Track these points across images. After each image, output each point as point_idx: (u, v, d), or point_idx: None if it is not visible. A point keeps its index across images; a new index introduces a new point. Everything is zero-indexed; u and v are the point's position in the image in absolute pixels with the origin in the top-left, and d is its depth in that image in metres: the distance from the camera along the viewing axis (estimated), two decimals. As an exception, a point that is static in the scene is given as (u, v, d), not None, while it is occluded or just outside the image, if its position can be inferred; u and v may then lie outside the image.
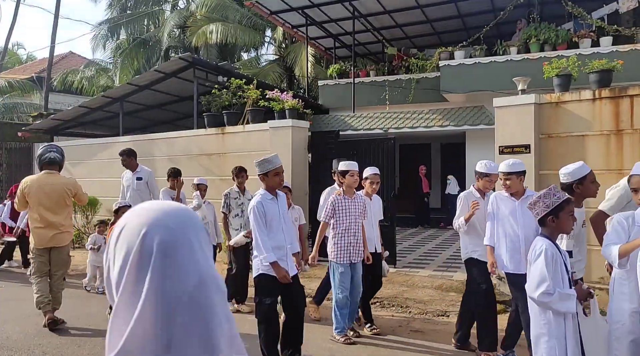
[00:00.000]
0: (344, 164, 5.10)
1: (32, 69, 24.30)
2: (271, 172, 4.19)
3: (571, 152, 6.25)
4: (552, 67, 6.63)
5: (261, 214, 4.08)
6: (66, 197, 5.58)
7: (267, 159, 4.22)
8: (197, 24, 19.00)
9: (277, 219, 4.17)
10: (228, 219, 6.28)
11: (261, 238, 4.04)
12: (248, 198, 6.29)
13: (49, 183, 5.49)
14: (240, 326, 5.42)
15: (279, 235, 4.17)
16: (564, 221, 2.81)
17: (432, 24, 14.94)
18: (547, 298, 2.68)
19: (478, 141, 12.96)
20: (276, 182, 4.21)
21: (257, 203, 4.12)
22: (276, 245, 4.11)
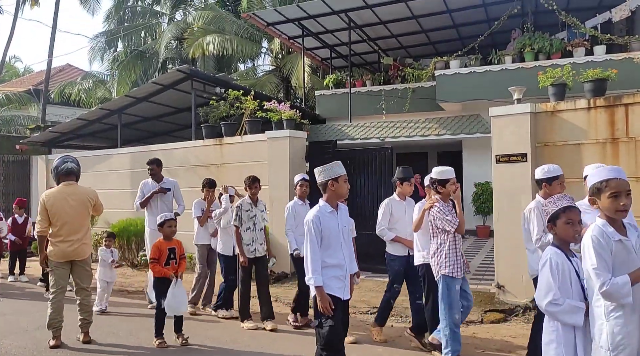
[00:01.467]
0: (442, 172, 4.69)
1: (29, 82, 24.37)
2: (342, 177, 3.76)
3: (568, 160, 6.29)
4: (547, 76, 6.69)
5: (317, 231, 3.65)
6: (89, 207, 5.47)
7: (336, 164, 3.81)
8: (194, 36, 19.11)
9: (336, 235, 3.75)
10: (239, 233, 6.00)
11: (312, 256, 3.64)
12: (261, 209, 6.18)
13: (72, 194, 5.36)
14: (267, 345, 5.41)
15: (339, 253, 3.75)
16: (562, 229, 2.81)
17: (427, 34, 15.07)
18: (555, 308, 2.66)
19: (475, 149, 13.03)
20: (345, 190, 3.79)
21: (314, 217, 3.69)
22: (336, 264, 3.72)
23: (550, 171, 4.39)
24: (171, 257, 5.35)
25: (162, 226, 5.42)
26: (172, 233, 5.44)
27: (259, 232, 6.09)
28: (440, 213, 4.53)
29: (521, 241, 5.97)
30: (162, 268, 5.27)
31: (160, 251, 5.33)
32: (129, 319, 6.49)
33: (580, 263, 2.83)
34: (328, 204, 3.77)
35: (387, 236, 5.35)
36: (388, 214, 5.36)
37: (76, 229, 5.32)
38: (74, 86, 22.13)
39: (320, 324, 3.63)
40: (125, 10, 24.41)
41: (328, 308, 3.55)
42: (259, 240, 6.06)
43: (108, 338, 5.58)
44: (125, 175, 11.44)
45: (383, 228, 5.37)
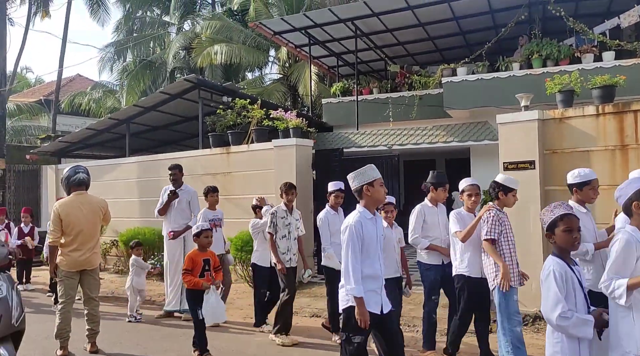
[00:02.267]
0: (510, 180, 4.50)
1: (40, 92, 24.63)
2: (377, 181, 3.54)
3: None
4: (555, 83, 6.64)
5: (358, 236, 3.42)
6: (100, 216, 5.52)
7: (370, 167, 3.61)
8: (202, 46, 19.23)
9: (375, 244, 3.53)
10: (275, 241, 5.81)
11: (352, 264, 3.39)
12: (296, 217, 5.99)
13: (85, 203, 5.41)
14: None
15: (376, 263, 3.54)
16: (560, 237, 2.78)
17: (434, 41, 15.05)
18: (565, 322, 2.62)
19: (483, 156, 12.94)
20: (382, 194, 3.59)
21: (355, 222, 3.46)
22: (372, 274, 3.49)
23: (581, 176, 4.16)
24: (206, 268, 5.16)
25: (199, 236, 5.24)
26: (209, 244, 5.28)
27: (294, 241, 5.90)
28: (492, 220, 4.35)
29: (530, 249, 5.93)
30: (193, 277, 5.07)
31: (194, 262, 5.14)
32: (135, 328, 6.49)
33: (582, 271, 2.82)
34: (367, 210, 3.55)
35: (422, 244, 5.08)
36: (421, 221, 5.11)
37: (89, 239, 5.36)
38: (84, 96, 22.33)
39: (348, 339, 3.44)
40: (134, 21, 24.65)
41: (367, 323, 3.35)
42: (293, 250, 5.87)
43: (114, 347, 5.58)
44: (133, 184, 11.50)
45: (417, 236, 5.10)
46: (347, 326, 3.46)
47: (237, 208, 9.34)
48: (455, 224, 4.71)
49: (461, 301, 4.71)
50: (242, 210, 9.21)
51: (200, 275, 5.09)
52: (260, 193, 9.22)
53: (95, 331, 5.41)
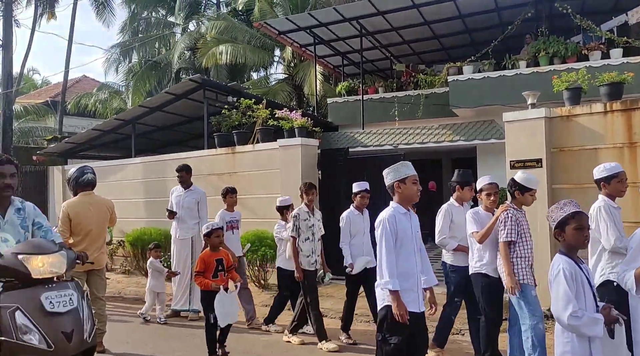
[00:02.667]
0: (529, 180, 4.39)
1: (46, 94, 24.76)
2: (410, 178, 3.50)
3: (584, 165, 6.18)
4: (562, 80, 6.60)
5: (392, 230, 3.37)
6: (108, 216, 5.58)
7: (404, 164, 3.58)
8: (207, 46, 19.26)
9: (410, 239, 3.47)
10: (297, 244, 5.61)
11: (387, 259, 3.34)
12: (318, 218, 5.78)
13: (93, 203, 5.48)
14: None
15: (411, 259, 3.47)
16: (571, 235, 2.75)
17: (440, 40, 14.99)
18: (577, 321, 2.59)
19: (489, 155, 12.87)
20: (414, 192, 3.52)
21: (389, 216, 3.42)
22: (406, 271, 3.42)
23: (607, 169, 4.06)
24: (219, 269, 5.03)
25: (209, 236, 5.12)
26: (220, 243, 5.19)
27: (318, 242, 5.71)
28: (510, 220, 4.26)
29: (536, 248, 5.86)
30: (205, 279, 4.93)
31: (206, 263, 5.00)
32: (142, 328, 6.49)
33: (589, 269, 2.79)
34: (400, 205, 3.53)
35: (450, 245, 4.96)
36: (448, 222, 4.99)
37: (96, 239, 5.43)
38: (90, 97, 22.42)
39: (385, 339, 3.34)
40: (139, 22, 24.72)
41: (404, 316, 3.25)
42: (318, 251, 5.69)
43: (121, 347, 5.59)
44: (139, 184, 11.53)
45: (444, 236, 4.97)
46: (383, 326, 3.38)
47: (243, 208, 9.33)
48: (473, 225, 4.62)
49: (483, 302, 4.58)
50: (248, 210, 9.22)
51: (213, 276, 4.98)
52: (265, 193, 9.25)
53: (102, 330, 5.42)
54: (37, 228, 3.56)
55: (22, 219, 3.47)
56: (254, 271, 8.39)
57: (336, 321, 6.45)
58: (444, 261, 5.13)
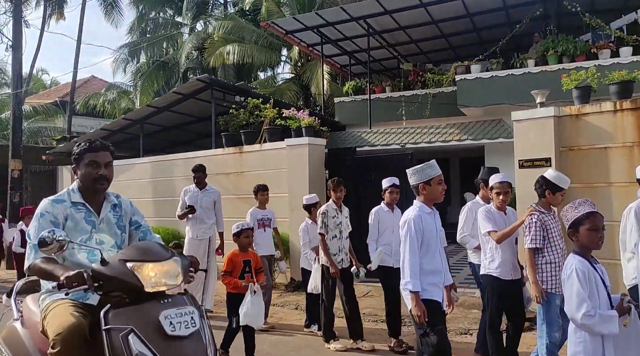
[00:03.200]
0: (561, 179, 4.16)
1: (55, 94, 24.94)
2: (435, 179, 3.51)
3: (593, 164, 6.13)
4: (571, 79, 6.55)
5: (418, 231, 3.39)
6: None
7: (429, 164, 3.56)
8: (215, 46, 19.31)
9: (435, 238, 3.53)
10: (326, 242, 5.44)
11: (411, 259, 3.37)
12: (345, 215, 5.65)
13: None
14: None
15: (437, 258, 3.53)
16: (584, 236, 2.72)
17: (448, 39, 14.94)
18: (590, 321, 2.57)
19: (497, 154, 12.80)
20: (439, 192, 3.55)
21: (414, 216, 3.44)
22: (434, 269, 3.49)
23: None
24: (246, 270, 4.82)
25: (239, 236, 4.93)
26: (249, 244, 5.01)
27: (345, 240, 5.57)
28: (536, 226, 4.06)
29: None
30: (233, 279, 4.75)
31: (234, 264, 4.81)
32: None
33: (604, 269, 2.76)
34: (425, 205, 3.56)
35: (471, 243, 4.87)
36: (471, 219, 4.86)
37: None
38: (98, 97, 22.56)
39: (426, 332, 3.35)
40: (147, 22, 24.85)
41: (422, 317, 3.31)
42: (345, 249, 5.55)
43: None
44: (147, 184, 11.58)
45: (465, 234, 4.88)
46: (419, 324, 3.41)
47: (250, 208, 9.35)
48: (487, 223, 4.46)
49: (489, 302, 4.52)
50: (255, 209, 9.22)
51: (239, 277, 4.80)
52: (273, 193, 9.24)
53: None
54: (135, 227, 3.06)
55: (118, 218, 2.99)
56: (261, 270, 8.40)
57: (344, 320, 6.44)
58: (472, 262, 4.99)
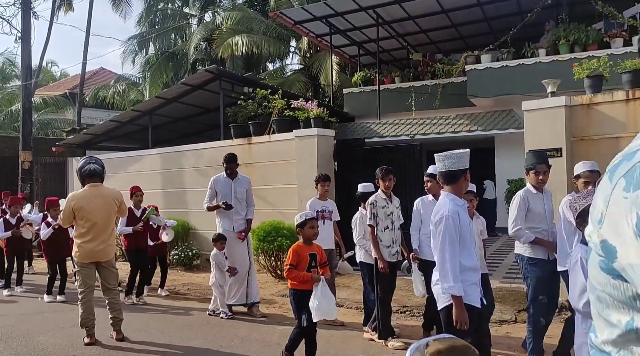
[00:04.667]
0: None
1: (65, 86, 25.07)
2: (467, 169, 3.31)
3: (605, 155, 6.04)
4: (583, 68, 6.47)
5: (456, 227, 3.12)
6: (114, 208, 5.49)
7: (467, 152, 3.29)
8: (223, 37, 19.28)
9: (470, 232, 3.30)
10: (376, 234, 5.13)
11: (451, 259, 3.10)
12: (396, 205, 5.30)
13: (99, 195, 5.39)
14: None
15: (473, 253, 3.30)
16: None
17: (458, 29, 14.80)
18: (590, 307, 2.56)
19: (508, 145, 12.73)
20: (465, 186, 3.38)
21: (451, 211, 3.14)
22: (472, 266, 3.25)
23: None
24: (312, 265, 4.37)
25: (303, 227, 4.41)
26: (314, 235, 4.49)
27: (398, 232, 5.24)
28: None
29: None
30: (301, 272, 4.27)
31: (300, 257, 4.34)
32: (161, 317, 6.57)
33: None
34: (457, 197, 3.26)
35: (526, 237, 4.34)
36: (524, 210, 4.38)
37: (102, 230, 5.35)
38: (107, 88, 22.64)
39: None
40: (155, 14, 24.83)
41: (467, 323, 3.07)
42: (398, 241, 5.22)
43: (140, 335, 5.67)
44: (156, 175, 11.63)
45: (519, 227, 4.35)
46: (450, 327, 3.15)
47: (259, 199, 9.36)
48: None
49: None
50: (263, 201, 9.25)
51: (306, 271, 4.36)
52: (281, 184, 9.27)
53: (119, 318, 5.46)
54: None
55: None
56: (270, 261, 8.43)
57: (352, 311, 6.46)
58: (520, 254, 4.51)
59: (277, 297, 7.37)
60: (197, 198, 7.99)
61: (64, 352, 5.07)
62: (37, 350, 4.95)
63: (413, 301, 6.52)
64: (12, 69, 28.40)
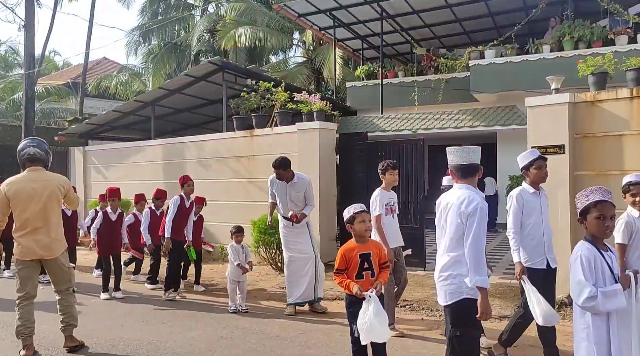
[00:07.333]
0: None
1: (67, 75, 25.06)
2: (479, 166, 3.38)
3: (608, 152, 6.06)
4: (587, 65, 6.44)
5: (485, 218, 3.14)
6: (59, 197, 4.68)
7: (478, 149, 3.32)
8: (226, 28, 19.23)
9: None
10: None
11: (482, 250, 3.10)
12: None
13: (35, 181, 4.59)
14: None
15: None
16: (592, 224, 2.71)
17: (462, 23, 14.75)
18: (592, 302, 2.57)
19: (510, 141, 12.71)
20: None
21: (482, 202, 3.16)
22: None
23: None
24: (365, 267, 3.68)
25: (352, 222, 3.76)
26: (367, 231, 3.79)
27: None
28: None
29: (558, 235, 5.81)
30: (346, 280, 3.64)
31: (347, 259, 3.67)
32: (162, 307, 6.59)
33: (614, 257, 2.74)
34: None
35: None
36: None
37: (43, 223, 4.56)
38: (110, 79, 22.64)
39: (463, 334, 3.15)
40: (159, 4, 24.77)
41: (490, 315, 3.09)
42: None
43: (141, 324, 5.69)
44: (158, 166, 11.64)
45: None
46: (459, 321, 3.16)
47: (261, 191, 9.38)
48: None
49: None
50: (265, 193, 9.21)
51: (357, 276, 3.67)
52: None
53: (70, 323, 4.76)
54: None
55: None
56: (270, 253, 8.45)
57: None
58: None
59: (277, 289, 7.39)
60: (199, 189, 7.98)
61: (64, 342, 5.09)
62: (38, 338, 4.96)
63: (413, 296, 6.55)
64: (14, 58, 28.39)
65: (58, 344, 4.95)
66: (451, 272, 3.18)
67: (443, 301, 3.27)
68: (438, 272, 3.31)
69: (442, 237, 3.35)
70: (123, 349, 4.89)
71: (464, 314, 3.14)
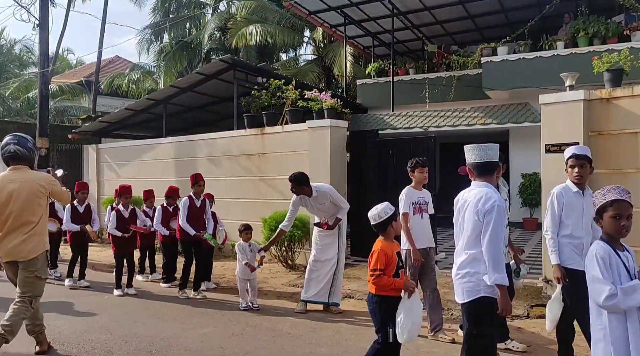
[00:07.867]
0: None
1: (81, 74, 25.26)
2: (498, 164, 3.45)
3: (623, 149, 5.97)
4: (603, 61, 6.35)
5: (503, 216, 3.14)
6: (40, 196, 4.39)
7: (497, 147, 3.35)
8: (237, 26, 19.27)
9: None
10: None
11: (499, 248, 3.09)
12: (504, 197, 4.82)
13: (14, 181, 4.33)
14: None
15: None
16: (608, 223, 2.67)
17: (474, 20, 14.63)
18: (613, 300, 2.52)
19: (522, 139, 12.60)
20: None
21: (500, 200, 3.15)
22: None
23: None
24: (400, 265, 3.67)
25: (392, 221, 3.67)
26: (398, 229, 3.78)
27: (506, 229, 4.24)
28: None
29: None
30: (392, 279, 3.54)
31: (388, 259, 3.58)
32: (174, 305, 6.63)
33: (630, 257, 2.69)
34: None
35: None
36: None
37: (21, 223, 4.31)
38: (122, 77, 22.79)
39: (480, 333, 3.15)
40: (170, 2, 24.87)
41: (510, 311, 3.11)
42: (505, 241, 4.32)
43: (152, 320, 5.73)
44: (170, 164, 11.71)
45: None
46: (479, 321, 3.16)
47: (272, 189, 9.40)
48: None
49: None
50: (276, 191, 9.27)
51: (394, 275, 3.61)
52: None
53: (9, 329, 4.13)
54: None
55: None
56: (281, 251, 8.45)
57: (362, 302, 6.47)
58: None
59: (288, 287, 7.41)
60: (210, 187, 7.99)
61: (79, 337, 5.14)
62: (53, 334, 5.02)
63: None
64: (29, 56, 28.68)
65: (73, 339, 5.01)
66: (469, 270, 3.17)
67: (460, 299, 3.26)
68: (455, 270, 3.30)
69: (459, 235, 3.32)
70: (137, 345, 4.92)
71: (481, 312, 3.13)
